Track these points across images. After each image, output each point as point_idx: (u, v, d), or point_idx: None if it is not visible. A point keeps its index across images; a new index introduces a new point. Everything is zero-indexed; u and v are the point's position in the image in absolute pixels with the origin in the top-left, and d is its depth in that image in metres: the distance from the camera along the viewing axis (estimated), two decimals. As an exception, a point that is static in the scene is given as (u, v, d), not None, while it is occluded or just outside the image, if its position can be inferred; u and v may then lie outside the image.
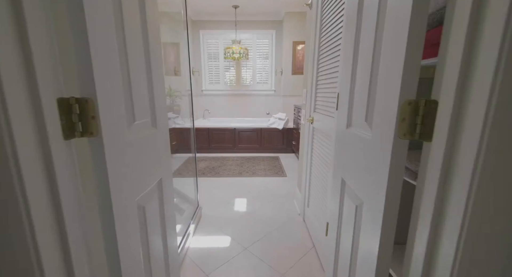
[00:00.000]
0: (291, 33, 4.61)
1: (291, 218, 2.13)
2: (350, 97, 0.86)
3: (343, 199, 0.93)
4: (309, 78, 1.90)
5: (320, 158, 1.64)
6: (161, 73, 0.88)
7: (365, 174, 0.71)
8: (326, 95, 1.52)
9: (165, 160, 0.93)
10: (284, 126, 4.30)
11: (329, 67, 1.47)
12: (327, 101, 1.51)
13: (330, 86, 1.44)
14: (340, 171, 0.96)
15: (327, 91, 1.51)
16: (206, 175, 3.26)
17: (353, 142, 0.82)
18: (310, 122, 1.84)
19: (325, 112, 1.53)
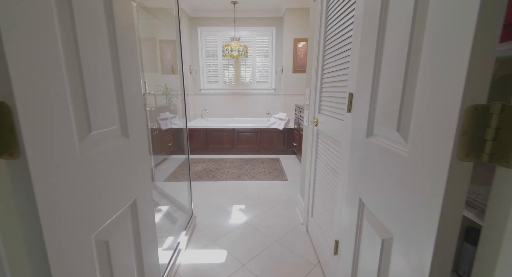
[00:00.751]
0: (292, 30, 4.44)
1: (293, 228, 1.96)
2: (372, 99, 0.69)
3: (361, 223, 0.77)
4: (313, 77, 1.73)
5: (326, 165, 1.47)
6: (135, 70, 0.71)
7: (397, 201, 0.54)
8: (333, 95, 1.35)
9: (142, 175, 0.77)
10: (285, 126, 4.13)
11: (337, 64, 1.30)
12: (334, 102, 1.34)
13: (338, 85, 1.27)
14: (357, 189, 0.80)
15: (334, 90, 1.34)
16: (202, 178, 3.09)
17: (377, 155, 0.65)
18: (314, 125, 1.67)
19: (332, 114, 1.36)
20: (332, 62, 1.38)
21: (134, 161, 0.70)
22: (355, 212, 0.81)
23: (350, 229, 0.87)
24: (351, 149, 0.86)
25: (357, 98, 0.85)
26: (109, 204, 0.59)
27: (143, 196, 0.78)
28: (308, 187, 1.85)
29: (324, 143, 1.53)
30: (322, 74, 1.58)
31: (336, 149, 1.28)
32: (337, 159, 1.26)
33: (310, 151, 1.81)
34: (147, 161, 0.81)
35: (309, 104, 1.90)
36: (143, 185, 0.79)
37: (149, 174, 0.84)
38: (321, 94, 1.61)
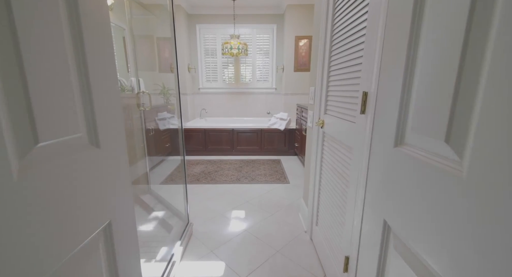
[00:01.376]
0: (293, 27, 4.31)
1: (296, 236, 1.84)
2: (403, 100, 0.56)
3: (386, 250, 0.64)
4: (318, 75, 1.60)
5: (334, 170, 1.34)
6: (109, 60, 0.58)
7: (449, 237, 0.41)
8: (342, 94, 1.22)
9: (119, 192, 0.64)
10: (286, 127, 4.00)
11: (346, 61, 1.17)
12: (343, 102, 1.21)
13: (348, 83, 1.14)
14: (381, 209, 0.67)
15: (343, 89, 1.21)
16: (200, 181, 2.96)
17: (411, 171, 0.52)
18: (320, 126, 1.54)
19: (341, 115, 1.23)
20: (340, 59, 1.25)
21: (108, 175, 0.57)
22: (377, 235, 0.68)
23: (369, 252, 0.75)
24: (371, 159, 0.73)
25: (380, 98, 0.73)
26: (69, 234, 0.46)
27: (120, 217, 0.65)
28: (313, 193, 1.72)
29: (331, 146, 1.40)
30: (329, 71, 1.45)
31: (346, 154, 1.15)
32: (347, 165, 1.13)
33: (314, 154, 1.68)
34: (125, 174, 0.68)
35: (313, 104, 1.77)
36: (121, 204, 0.66)
37: (129, 190, 0.71)
38: (328, 94, 1.48)
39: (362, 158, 0.95)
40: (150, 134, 3.17)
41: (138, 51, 3.36)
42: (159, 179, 2.97)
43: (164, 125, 3.98)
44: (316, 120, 1.65)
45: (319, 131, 1.61)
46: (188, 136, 4.09)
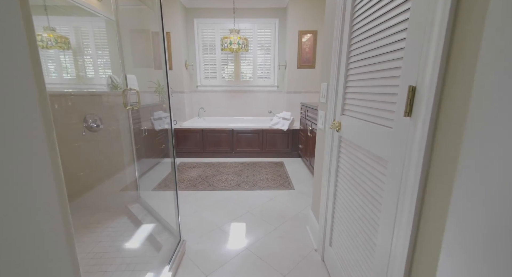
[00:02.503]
0: (296, 21, 4.05)
1: (305, 257, 1.59)
2: None
3: None
4: (333, 68, 1.34)
5: (356, 185, 1.09)
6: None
7: None
8: (369, 91, 0.96)
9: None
10: (289, 127, 3.75)
11: (376, 47, 0.92)
12: (370, 101, 0.96)
13: (380, 76, 0.89)
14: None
15: (370, 84, 0.96)
16: (197, 187, 2.71)
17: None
18: (336, 130, 1.29)
19: (366, 117, 0.98)
20: (367, 45, 0.99)
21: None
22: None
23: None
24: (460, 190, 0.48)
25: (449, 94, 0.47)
26: None
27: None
28: (325, 207, 1.47)
29: (351, 155, 1.15)
30: (348, 63, 1.19)
31: (377, 168, 0.90)
32: (378, 183, 0.88)
33: (328, 162, 1.43)
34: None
35: (325, 103, 1.52)
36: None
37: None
38: (346, 90, 1.22)
39: (401, 174, 0.70)
40: (143, 136, 2.92)
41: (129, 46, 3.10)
42: (151, 184, 2.73)
43: (160, 125, 3.73)
44: (329, 122, 1.40)
45: (334, 135, 1.36)
46: (185, 137, 3.84)
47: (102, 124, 2.02)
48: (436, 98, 0.59)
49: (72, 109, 2.01)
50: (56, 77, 2.76)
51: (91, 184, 2.09)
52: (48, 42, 2.70)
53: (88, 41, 3.01)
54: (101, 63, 3.10)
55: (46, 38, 2.68)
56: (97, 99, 2.08)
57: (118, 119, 2.09)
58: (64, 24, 2.82)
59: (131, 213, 1.99)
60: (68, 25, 2.88)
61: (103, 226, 1.90)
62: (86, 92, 2.09)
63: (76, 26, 2.95)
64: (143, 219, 1.90)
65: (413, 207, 0.66)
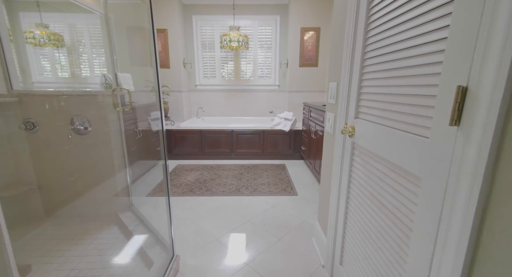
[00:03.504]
0: (298, 18, 3.89)
1: (312, 274, 1.44)
2: None
3: None
4: (345, 65, 1.19)
5: (374, 200, 0.93)
6: None
7: None
8: (392, 92, 0.81)
9: None
10: (291, 128, 3.60)
11: (401, 39, 0.76)
12: (391, 103, 0.81)
13: (410, 73, 0.74)
14: None
15: (391, 83, 0.81)
16: (194, 192, 2.56)
17: None
18: (348, 135, 1.13)
19: (393, 123, 0.83)
20: (390, 37, 0.84)
21: None
22: None
23: None
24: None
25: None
26: None
27: None
28: (334, 220, 1.32)
29: (368, 165, 0.99)
30: (363, 60, 1.04)
31: (404, 184, 0.74)
32: (407, 203, 0.73)
33: (338, 170, 1.28)
34: None
35: (335, 104, 1.36)
36: None
37: None
38: (360, 90, 1.07)
39: (450, 202, 0.55)
40: (137, 138, 2.77)
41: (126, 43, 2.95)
42: (146, 189, 2.58)
43: (157, 126, 3.58)
44: (340, 126, 1.24)
45: (345, 141, 1.21)
46: (183, 138, 3.69)
47: (91, 127, 1.87)
48: (504, 102, 0.43)
49: (58, 111, 1.86)
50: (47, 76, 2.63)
51: (79, 191, 1.94)
52: (41, 39, 2.56)
53: (83, 38, 2.86)
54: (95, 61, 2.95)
55: (38, 36, 2.54)
56: (85, 100, 1.93)
57: (108, 121, 1.94)
58: (58, 21, 2.69)
59: (122, 222, 1.84)
60: (63, 22, 2.74)
61: (91, 237, 1.75)
62: (73, 92, 1.94)
63: (70, 23, 2.81)
64: (134, 229, 1.75)
65: (465, 246, 0.51)
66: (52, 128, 1.84)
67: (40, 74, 2.60)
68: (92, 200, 1.94)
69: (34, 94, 1.85)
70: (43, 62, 2.70)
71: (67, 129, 1.79)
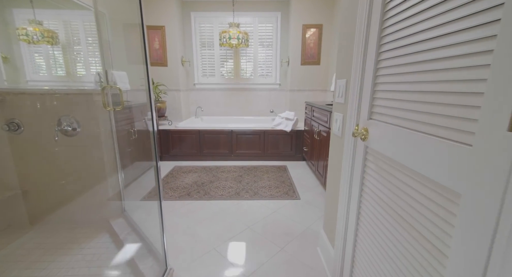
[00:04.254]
0: (300, 15, 3.77)
1: (317, 289, 1.32)
2: None
3: None
4: (357, 60, 1.07)
5: (394, 214, 0.81)
6: None
7: None
8: (417, 88, 0.69)
9: None
10: (293, 128, 3.48)
11: (428, 27, 0.64)
12: (415, 103, 0.69)
13: (435, 67, 0.61)
14: None
15: (415, 79, 0.69)
16: (191, 196, 2.44)
17: None
18: (361, 138, 1.01)
19: (410, 124, 0.71)
20: (412, 26, 0.72)
21: None
22: None
23: None
24: None
25: None
26: None
27: None
28: (343, 232, 1.20)
29: (385, 173, 0.87)
30: (378, 53, 0.92)
31: (436, 200, 0.62)
32: (440, 223, 0.60)
33: (347, 177, 1.15)
34: None
35: (344, 103, 1.24)
36: None
37: None
38: (375, 88, 0.95)
39: (505, 229, 0.43)
40: (132, 138, 2.65)
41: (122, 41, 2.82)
42: (141, 192, 2.45)
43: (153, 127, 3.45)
44: (350, 127, 1.12)
45: (357, 144, 1.09)
46: (181, 139, 3.56)
47: (80, 128, 1.75)
48: None
49: (45, 111, 1.74)
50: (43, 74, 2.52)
51: (68, 196, 1.82)
52: (34, 36, 2.45)
53: (79, 36, 2.75)
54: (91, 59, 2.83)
55: (31, 32, 2.43)
56: (74, 99, 1.80)
57: (99, 121, 1.81)
58: (53, 18, 2.57)
59: (113, 230, 1.72)
60: (57, 19, 2.62)
61: (79, 246, 1.62)
62: (61, 91, 1.81)
63: (65, 20, 2.69)
64: (126, 238, 1.63)
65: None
66: (38, 129, 1.71)
67: (35, 73, 2.49)
68: (81, 205, 1.82)
69: (19, 93, 1.73)
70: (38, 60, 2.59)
71: (53, 130, 1.67)
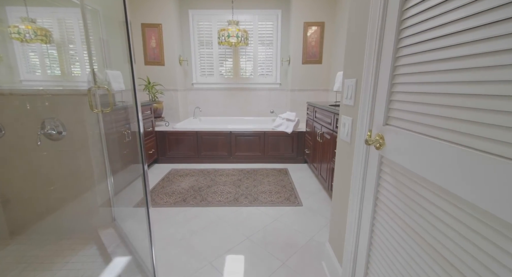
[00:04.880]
0: (301, 12, 3.64)
1: (323, 311, 1.19)
2: None
3: None
4: (370, 57, 0.94)
5: (420, 240, 0.69)
6: None
7: None
8: (454, 91, 0.56)
9: None
10: (294, 129, 3.35)
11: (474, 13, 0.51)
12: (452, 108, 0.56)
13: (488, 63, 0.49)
14: None
15: (454, 79, 0.56)
16: (187, 202, 2.31)
17: None
18: (376, 146, 0.88)
19: (442, 133, 0.59)
20: (442, 15, 0.59)
21: None
22: None
23: None
24: None
25: None
26: None
27: None
28: (353, 251, 1.07)
29: (406, 188, 0.74)
30: (397, 49, 0.79)
31: (484, 233, 0.49)
32: (489, 262, 0.47)
33: (358, 189, 1.03)
34: None
35: (353, 106, 1.11)
36: None
37: None
38: (392, 89, 0.82)
39: None
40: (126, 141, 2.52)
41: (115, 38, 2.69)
42: (135, 198, 2.32)
43: (150, 127, 3.33)
44: (362, 133, 0.99)
45: (369, 152, 0.96)
46: (177, 141, 3.44)
47: (65, 131, 1.62)
48: None
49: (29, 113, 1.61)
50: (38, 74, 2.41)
51: (53, 205, 1.69)
52: (26, 34, 2.33)
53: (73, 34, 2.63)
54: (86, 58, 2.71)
55: (23, 30, 2.31)
56: (61, 100, 1.67)
57: (86, 124, 1.69)
58: (47, 16, 2.46)
59: (101, 241, 1.59)
60: (51, 17, 2.51)
61: (63, 260, 1.50)
62: (45, 92, 1.68)
63: (60, 18, 2.57)
64: (114, 251, 1.50)
65: None
66: (21, 132, 1.59)
67: (29, 72, 2.38)
68: (68, 215, 1.70)
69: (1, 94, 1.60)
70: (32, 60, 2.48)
71: (36, 134, 1.54)
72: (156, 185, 2.70)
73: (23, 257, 1.53)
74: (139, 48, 3.82)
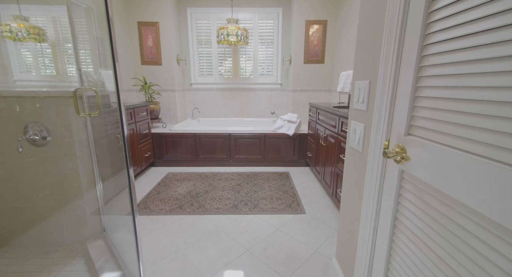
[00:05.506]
0: (303, 10, 3.52)
1: None
2: None
3: None
4: (388, 55, 0.82)
5: (448, 270, 0.56)
6: None
7: None
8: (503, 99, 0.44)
9: None
10: (296, 131, 3.23)
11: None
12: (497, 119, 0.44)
13: None
14: None
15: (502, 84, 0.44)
16: (184, 209, 2.19)
17: None
18: (396, 160, 0.76)
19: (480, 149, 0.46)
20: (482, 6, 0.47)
21: None
22: None
23: None
24: None
25: None
26: None
27: None
28: (365, 270, 0.95)
29: (434, 211, 0.62)
30: (422, 46, 0.66)
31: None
32: None
33: (372, 206, 0.90)
34: None
35: (366, 111, 0.99)
36: None
37: None
38: (416, 94, 0.69)
39: None
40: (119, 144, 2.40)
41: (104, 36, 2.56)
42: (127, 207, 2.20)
43: (145, 129, 3.21)
44: (377, 142, 0.87)
45: (387, 165, 0.84)
46: (175, 143, 3.32)
47: (50, 136, 1.50)
48: None
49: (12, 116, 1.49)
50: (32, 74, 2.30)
51: (40, 215, 1.57)
52: (18, 33, 2.22)
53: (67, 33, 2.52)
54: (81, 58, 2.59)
55: (15, 29, 2.20)
56: (46, 103, 1.55)
57: (73, 128, 1.57)
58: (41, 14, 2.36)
59: (89, 255, 1.47)
60: (46, 15, 2.40)
61: (48, 275, 1.38)
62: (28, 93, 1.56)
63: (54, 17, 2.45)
64: (102, 267, 1.38)
65: None
66: (1, 137, 1.47)
67: (22, 72, 2.27)
68: (54, 226, 1.58)
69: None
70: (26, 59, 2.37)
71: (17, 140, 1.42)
72: (151, 190, 2.58)
73: (3, 273, 1.41)
74: (135, 47, 3.70)
